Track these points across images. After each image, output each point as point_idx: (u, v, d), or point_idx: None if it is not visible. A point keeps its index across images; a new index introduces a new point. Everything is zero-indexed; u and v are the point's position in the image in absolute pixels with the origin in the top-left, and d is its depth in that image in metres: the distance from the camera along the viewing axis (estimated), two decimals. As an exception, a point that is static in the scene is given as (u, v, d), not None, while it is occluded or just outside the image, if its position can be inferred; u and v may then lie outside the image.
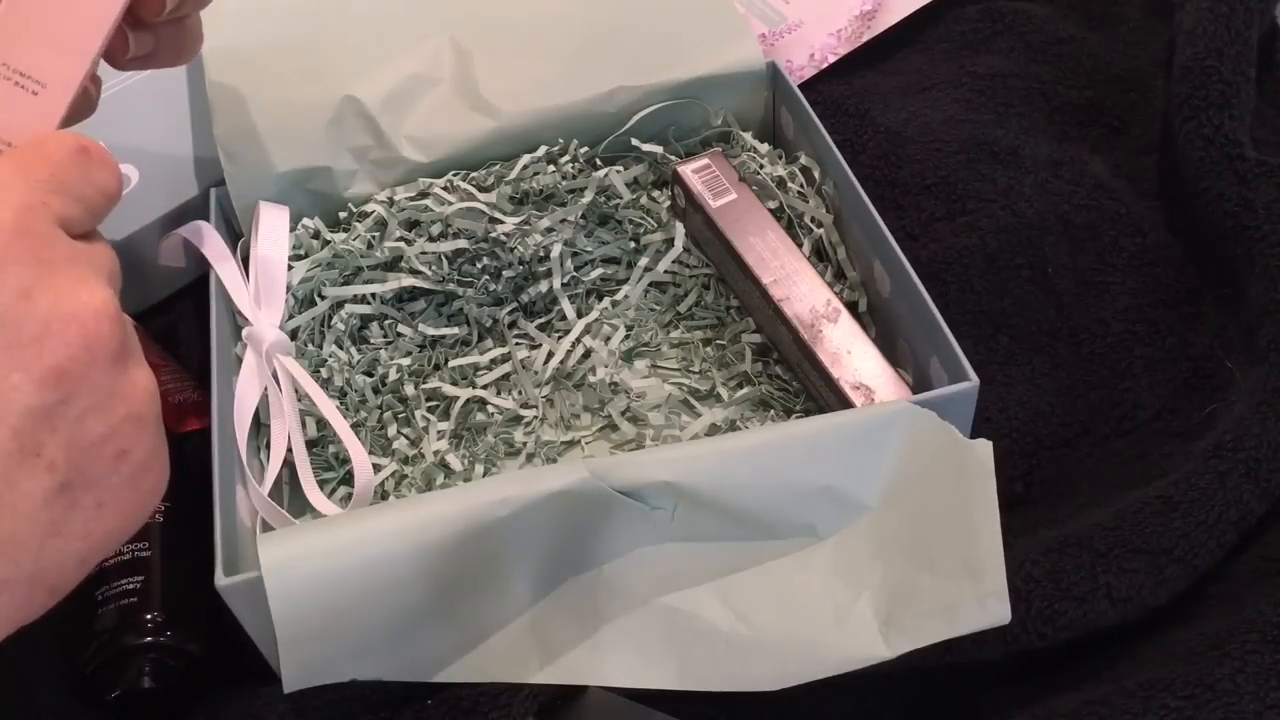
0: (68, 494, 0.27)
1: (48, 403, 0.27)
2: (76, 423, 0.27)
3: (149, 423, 0.29)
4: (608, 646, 0.38)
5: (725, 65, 0.56)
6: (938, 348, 0.44)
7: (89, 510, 0.28)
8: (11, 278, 0.27)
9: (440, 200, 0.53)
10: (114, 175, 0.32)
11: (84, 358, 0.27)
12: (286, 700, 0.37)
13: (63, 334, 0.27)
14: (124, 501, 0.29)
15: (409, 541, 0.36)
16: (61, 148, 0.31)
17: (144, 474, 0.29)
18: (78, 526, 0.28)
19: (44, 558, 0.27)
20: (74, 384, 0.27)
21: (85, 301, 0.28)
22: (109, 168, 0.32)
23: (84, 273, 0.29)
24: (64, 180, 0.30)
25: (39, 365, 0.27)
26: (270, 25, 0.57)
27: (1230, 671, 0.38)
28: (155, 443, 0.30)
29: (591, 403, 0.51)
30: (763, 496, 0.39)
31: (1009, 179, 0.57)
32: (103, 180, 0.31)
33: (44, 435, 0.27)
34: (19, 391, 0.26)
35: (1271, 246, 0.50)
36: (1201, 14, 0.58)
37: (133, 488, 0.29)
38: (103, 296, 0.28)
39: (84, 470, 0.28)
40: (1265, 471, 0.43)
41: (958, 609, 0.37)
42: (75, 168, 0.30)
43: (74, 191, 0.30)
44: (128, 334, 0.29)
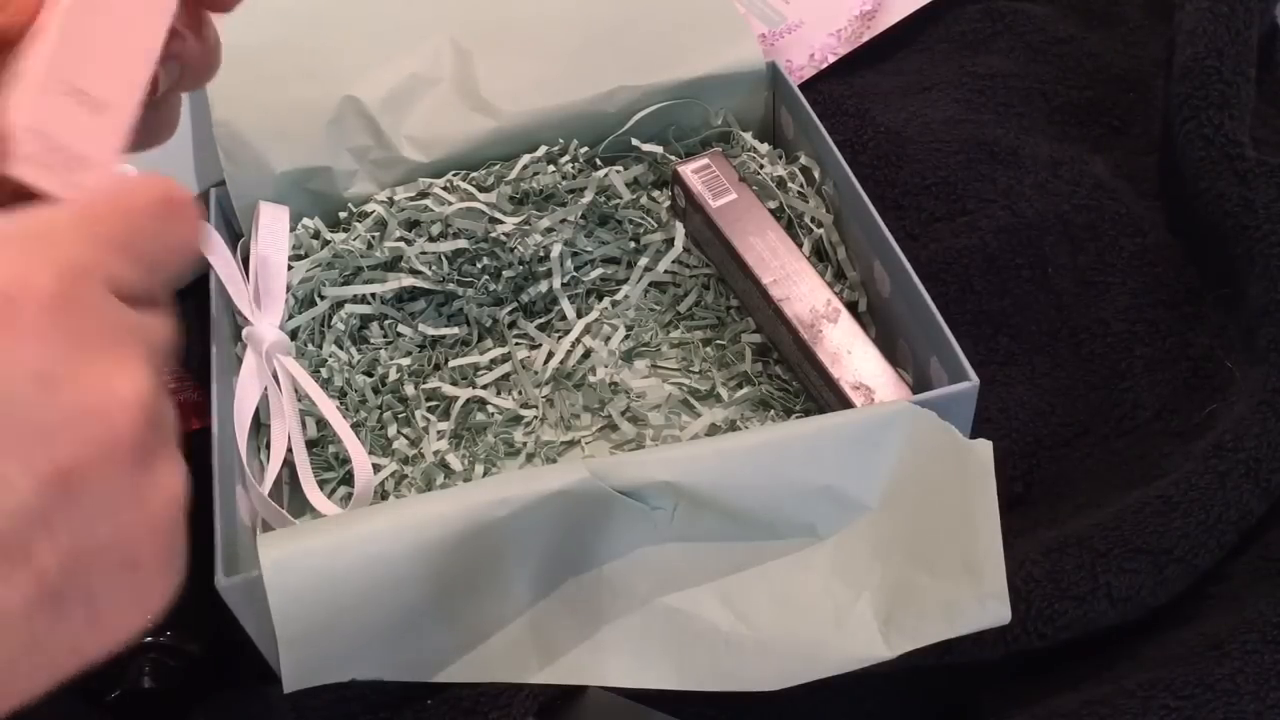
0: (56, 606, 0.24)
1: (47, 504, 0.23)
2: (81, 528, 0.24)
3: (168, 531, 0.26)
4: (608, 646, 0.38)
5: (725, 65, 0.56)
6: (938, 348, 0.44)
7: (79, 624, 0.24)
8: (34, 357, 0.23)
9: (440, 200, 0.53)
10: (194, 232, 0.28)
11: (100, 457, 0.24)
12: (286, 700, 0.37)
13: (81, 430, 0.24)
14: (123, 613, 0.25)
15: (409, 541, 0.36)
16: (142, 197, 0.27)
17: (152, 584, 0.26)
18: (63, 641, 0.24)
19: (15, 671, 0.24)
20: (83, 485, 0.23)
21: (116, 392, 0.24)
22: (190, 223, 0.28)
23: (125, 353, 0.25)
24: (134, 237, 0.26)
25: (45, 462, 0.23)
26: (270, 25, 0.57)
27: (1230, 671, 0.38)
28: (171, 551, 0.26)
29: (591, 403, 0.51)
30: (763, 496, 0.39)
31: (1009, 179, 0.57)
32: (180, 238, 0.28)
33: (37, 540, 0.23)
34: (14, 490, 0.23)
35: (1271, 246, 0.50)
36: (1201, 14, 0.58)
37: (136, 600, 0.25)
38: (138, 385, 0.25)
39: (80, 581, 0.24)
40: (1265, 471, 0.43)
41: (958, 609, 0.37)
42: (152, 222, 0.27)
43: (142, 251, 0.26)
44: (161, 426, 0.26)
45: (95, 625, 0.25)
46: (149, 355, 0.26)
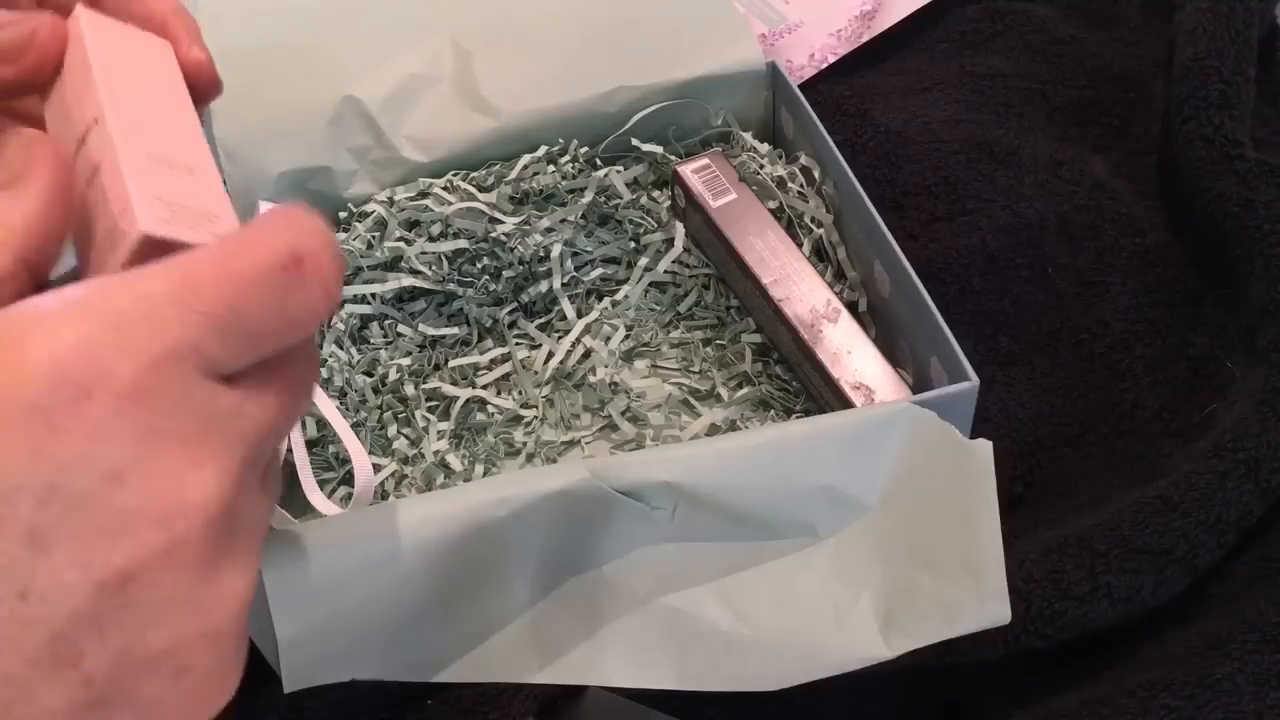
0: (100, 712, 0.22)
1: (103, 609, 0.22)
2: (133, 633, 0.22)
3: (227, 638, 0.24)
4: (608, 646, 0.38)
5: (725, 65, 0.56)
6: (938, 348, 0.44)
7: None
8: (105, 455, 0.22)
9: (440, 200, 0.53)
10: (325, 299, 0.24)
11: (161, 564, 0.22)
12: (286, 700, 0.37)
13: (144, 533, 0.22)
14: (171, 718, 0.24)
15: (409, 541, 0.36)
16: (264, 262, 0.24)
17: (207, 692, 0.24)
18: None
19: None
20: (141, 590, 0.22)
21: (186, 496, 0.22)
22: (323, 289, 0.24)
23: (203, 451, 0.23)
24: (243, 313, 0.23)
25: (103, 565, 0.22)
26: (270, 25, 0.57)
27: (1230, 671, 0.38)
28: (228, 659, 0.24)
29: (591, 403, 0.51)
30: (762, 496, 0.39)
31: (1009, 179, 0.57)
32: (302, 308, 0.24)
33: (88, 644, 0.22)
34: (72, 593, 0.21)
35: (1271, 246, 0.50)
36: (1201, 14, 0.58)
37: (189, 707, 0.24)
38: (211, 487, 0.23)
39: (128, 687, 0.23)
40: (1265, 471, 0.43)
41: (958, 609, 0.37)
42: (269, 293, 0.24)
43: (250, 327, 0.23)
44: (234, 530, 0.24)
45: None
46: (235, 446, 0.23)
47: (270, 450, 0.25)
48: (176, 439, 0.22)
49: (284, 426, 0.25)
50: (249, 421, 0.24)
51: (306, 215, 0.25)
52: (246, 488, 0.24)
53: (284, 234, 0.24)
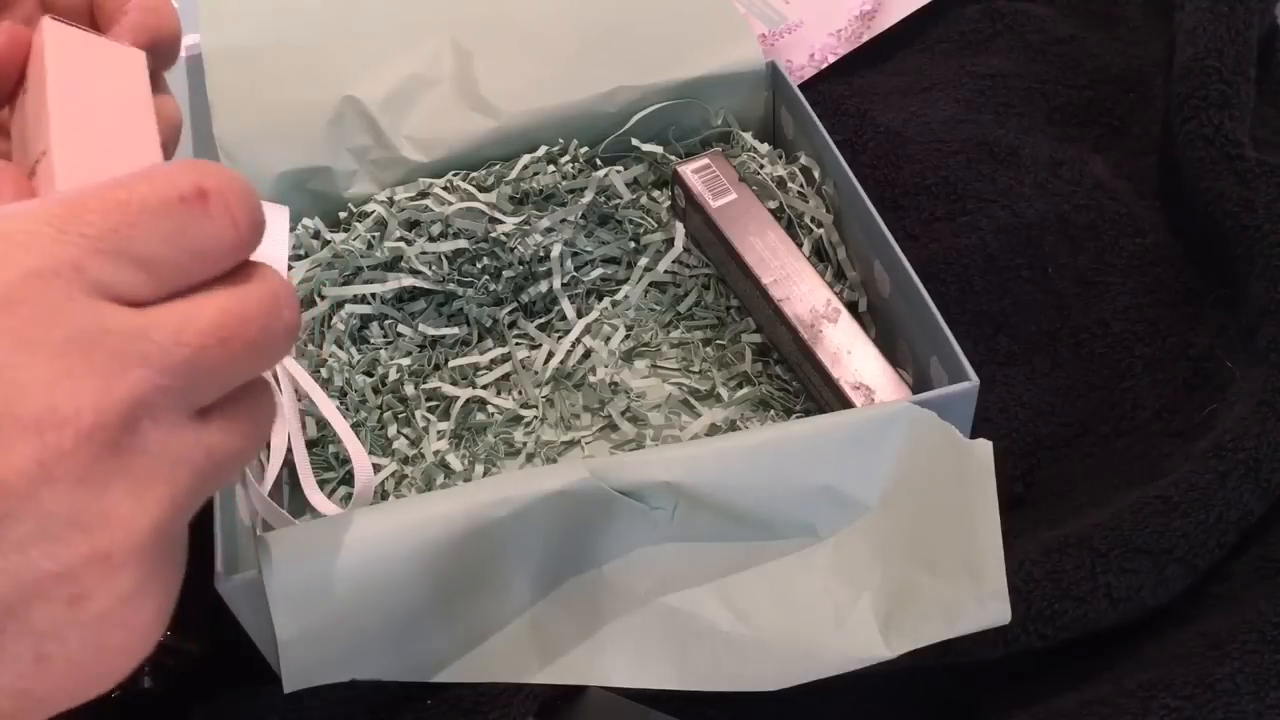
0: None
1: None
2: (16, 551, 0.21)
3: (124, 565, 0.23)
4: (608, 646, 0.38)
5: (725, 65, 0.56)
6: (938, 348, 0.44)
7: (24, 662, 0.22)
8: None
9: (440, 200, 0.53)
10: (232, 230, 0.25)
11: (34, 475, 0.21)
12: (287, 700, 0.37)
13: (11, 440, 0.21)
14: (80, 658, 0.23)
15: (409, 541, 0.36)
16: (157, 194, 0.24)
17: (111, 627, 0.23)
18: (7, 682, 0.22)
19: None
20: (16, 504, 0.21)
21: (55, 404, 0.22)
22: (230, 220, 0.25)
23: (82, 365, 0.22)
24: (130, 239, 0.23)
25: None
26: (270, 25, 0.57)
27: (1230, 671, 0.38)
28: (132, 589, 0.23)
29: (591, 403, 0.51)
30: (762, 496, 0.39)
31: (1009, 179, 0.57)
32: (209, 239, 0.24)
33: None
34: None
35: (1271, 246, 0.50)
36: (1201, 14, 0.58)
37: (93, 642, 0.23)
38: (85, 400, 0.22)
39: (19, 613, 0.22)
40: (1265, 471, 0.43)
41: (958, 609, 0.37)
42: (163, 223, 0.24)
43: (142, 254, 0.23)
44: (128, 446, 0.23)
45: (44, 666, 0.22)
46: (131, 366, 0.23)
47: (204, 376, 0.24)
48: (49, 351, 0.22)
49: (219, 352, 0.24)
50: (160, 341, 0.23)
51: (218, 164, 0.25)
52: (160, 411, 0.23)
53: (189, 171, 0.24)
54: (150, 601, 0.24)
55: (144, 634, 0.24)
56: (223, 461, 0.25)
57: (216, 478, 0.25)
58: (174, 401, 0.24)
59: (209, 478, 0.25)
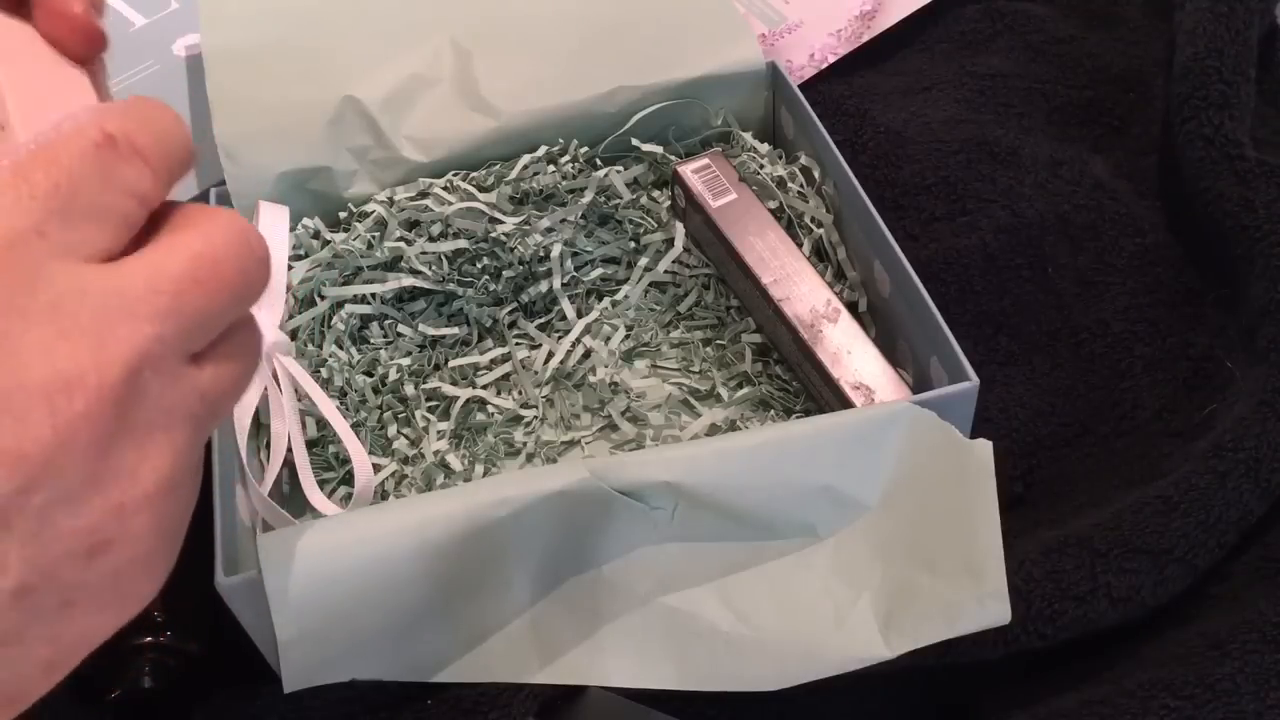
0: (27, 598, 0.23)
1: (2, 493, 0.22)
2: (39, 516, 0.22)
3: (139, 512, 0.24)
4: (608, 646, 0.38)
5: (725, 65, 0.56)
6: (938, 348, 0.44)
7: (53, 612, 0.23)
8: None
9: (440, 200, 0.53)
10: (147, 169, 0.25)
11: (50, 442, 0.22)
12: (287, 700, 0.37)
13: (22, 411, 0.22)
14: (103, 601, 0.24)
15: (409, 541, 0.36)
16: (77, 146, 0.24)
17: (132, 570, 0.24)
18: (41, 631, 0.23)
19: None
20: (36, 470, 0.22)
21: (59, 369, 0.22)
22: (142, 159, 0.25)
23: (73, 324, 0.23)
24: (74, 193, 0.24)
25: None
26: (270, 25, 0.57)
27: (1230, 671, 0.38)
28: (147, 536, 0.24)
29: (591, 403, 0.51)
30: (762, 496, 0.39)
31: (1009, 179, 0.57)
32: (132, 179, 0.25)
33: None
34: None
35: (1271, 246, 0.50)
36: (1201, 14, 0.58)
37: (114, 587, 0.24)
38: (85, 358, 0.23)
39: (47, 570, 0.23)
40: (1265, 471, 0.43)
41: (958, 609, 0.37)
42: (94, 171, 0.24)
43: (89, 205, 0.24)
44: (133, 399, 0.24)
45: (71, 611, 0.24)
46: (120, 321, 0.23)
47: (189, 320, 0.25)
48: (43, 316, 0.23)
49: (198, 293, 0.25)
50: (137, 292, 0.24)
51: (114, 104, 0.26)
52: (159, 360, 0.24)
53: (94, 119, 0.25)
54: (163, 542, 0.25)
55: (158, 573, 0.25)
56: (218, 401, 0.26)
57: (214, 417, 0.26)
58: (167, 349, 0.24)
59: (207, 419, 0.26)
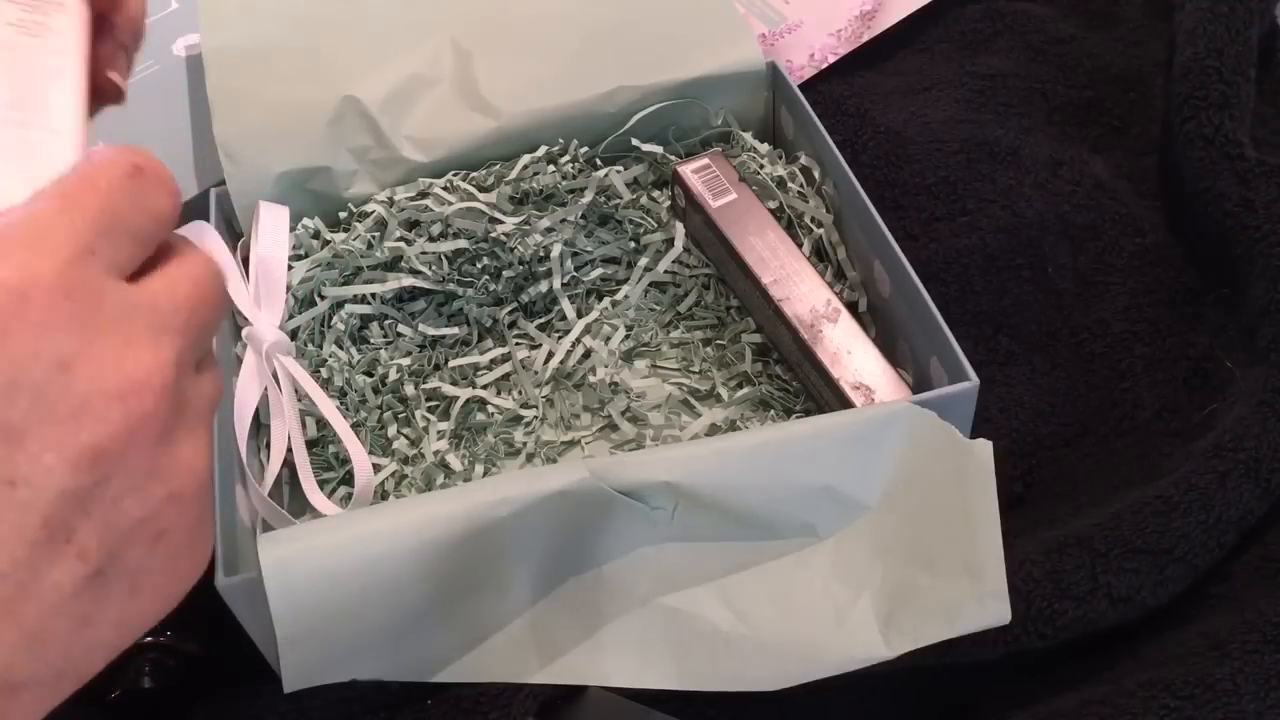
0: (100, 582, 0.25)
1: (82, 485, 0.24)
2: (112, 506, 0.25)
3: (191, 501, 0.27)
4: (608, 646, 0.38)
5: (725, 65, 0.56)
6: (938, 348, 0.44)
7: (122, 597, 0.26)
8: (51, 346, 0.24)
9: (440, 200, 0.53)
10: (169, 195, 0.28)
11: (123, 436, 0.25)
12: (287, 700, 0.37)
13: (101, 411, 0.25)
14: (160, 584, 0.27)
15: (409, 541, 0.36)
16: (113, 174, 0.27)
17: (183, 554, 0.27)
18: (110, 614, 0.26)
19: (74, 651, 0.25)
20: (111, 465, 0.25)
21: (129, 373, 0.25)
22: (164, 187, 0.28)
23: (132, 332, 0.26)
24: (115, 216, 0.26)
25: (74, 445, 0.24)
26: (270, 25, 0.57)
27: (1230, 671, 0.38)
28: (196, 521, 0.27)
29: (591, 403, 0.51)
30: (762, 496, 0.39)
31: (1009, 179, 0.57)
32: (157, 204, 0.28)
33: (76, 520, 0.24)
34: (52, 474, 0.24)
35: (1271, 246, 0.50)
36: (1201, 14, 0.58)
37: (169, 570, 0.27)
38: (149, 363, 0.26)
39: (118, 556, 0.25)
40: (1265, 471, 0.43)
41: (958, 609, 0.37)
42: (128, 196, 0.27)
43: (127, 227, 0.27)
44: (180, 400, 0.26)
45: (136, 596, 0.26)
46: (161, 331, 0.26)
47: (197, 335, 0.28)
48: (107, 326, 0.25)
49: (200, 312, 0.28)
50: (166, 309, 0.27)
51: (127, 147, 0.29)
52: (185, 368, 0.27)
53: (119, 154, 0.28)
54: (208, 528, 0.28)
55: (206, 556, 0.28)
56: (215, 406, 0.29)
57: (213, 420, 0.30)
58: (190, 358, 0.27)
59: (211, 421, 0.29)
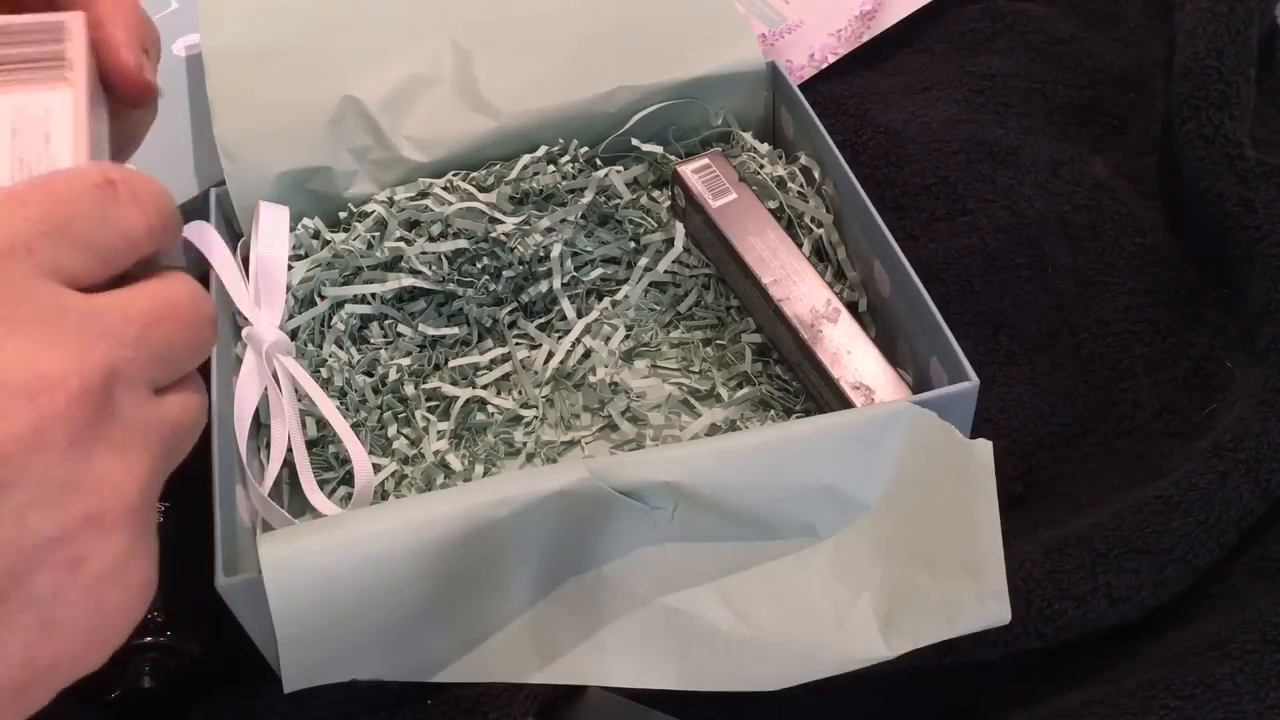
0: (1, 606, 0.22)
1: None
2: (14, 518, 0.22)
3: (116, 526, 0.24)
4: (608, 646, 0.38)
5: (725, 65, 0.56)
6: (938, 348, 0.44)
7: (30, 630, 0.23)
8: None
9: (440, 200, 0.53)
10: (142, 215, 0.27)
11: (29, 439, 0.22)
12: (287, 700, 0.37)
13: (4, 409, 0.22)
14: (81, 621, 0.24)
15: (409, 541, 0.36)
16: (75, 182, 0.26)
17: (109, 589, 0.24)
18: (14, 651, 0.23)
19: None
20: (14, 471, 0.22)
21: (42, 371, 0.23)
22: (137, 205, 0.26)
23: (57, 333, 0.24)
24: (65, 221, 0.25)
25: None
26: (270, 25, 0.57)
27: (1230, 671, 0.38)
28: (126, 552, 0.24)
29: (591, 403, 0.51)
30: (762, 496, 0.39)
31: (1009, 179, 0.57)
32: (125, 222, 0.26)
33: None
34: None
35: (1271, 246, 0.50)
36: (1201, 14, 0.58)
37: (92, 605, 0.24)
38: (69, 365, 0.23)
39: (22, 579, 0.22)
40: (1265, 471, 0.43)
41: (958, 609, 0.37)
42: (89, 207, 0.25)
43: (80, 236, 0.25)
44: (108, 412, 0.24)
45: (50, 633, 0.23)
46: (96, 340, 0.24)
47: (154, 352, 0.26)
48: (26, 323, 0.24)
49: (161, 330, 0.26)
50: (112, 318, 0.25)
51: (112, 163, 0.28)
52: (127, 382, 0.25)
53: (96, 167, 0.27)
54: (142, 562, 0.25)
55: (139, 594, 0.25)
56: (183, 435, 0.27)
57: (179, 452, 0.27)
58: (138, 373, 0.25)
59: (173, 449, 0.27)
